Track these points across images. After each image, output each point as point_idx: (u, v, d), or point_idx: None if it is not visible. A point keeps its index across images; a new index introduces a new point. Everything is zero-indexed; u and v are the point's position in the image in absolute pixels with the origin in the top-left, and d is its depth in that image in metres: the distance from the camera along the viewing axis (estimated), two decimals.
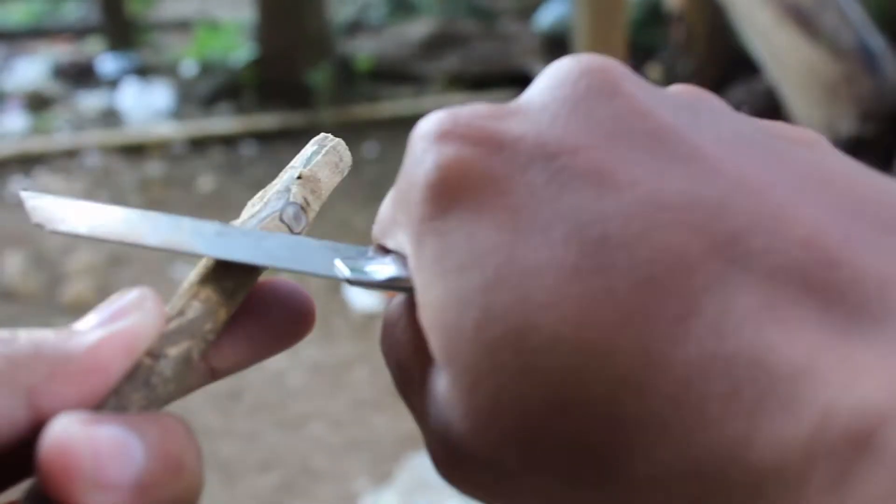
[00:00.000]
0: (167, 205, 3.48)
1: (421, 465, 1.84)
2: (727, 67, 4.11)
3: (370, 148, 4.12)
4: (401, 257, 0.23)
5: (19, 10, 6.95)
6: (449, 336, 0.19)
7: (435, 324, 0.20)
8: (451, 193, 0.20)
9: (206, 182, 3.74)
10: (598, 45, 3.05)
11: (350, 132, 4.27)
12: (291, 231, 0.27)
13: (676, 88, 0.22)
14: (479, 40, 5.04)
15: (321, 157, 0.29)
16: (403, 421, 2.13)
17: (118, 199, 3.55)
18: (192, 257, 0.25)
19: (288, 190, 0.27)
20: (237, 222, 0.27)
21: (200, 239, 0.25)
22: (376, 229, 0.25)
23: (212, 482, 1.94)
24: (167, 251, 0.25)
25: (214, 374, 0.25)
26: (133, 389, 0.22)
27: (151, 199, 3.54)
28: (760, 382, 0.16)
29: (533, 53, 4.76)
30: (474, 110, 0.22)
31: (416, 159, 0.21)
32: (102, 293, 2.81)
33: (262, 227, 0.26)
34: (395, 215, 0.23)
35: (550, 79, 0.21)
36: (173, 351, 0.23)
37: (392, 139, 4.22)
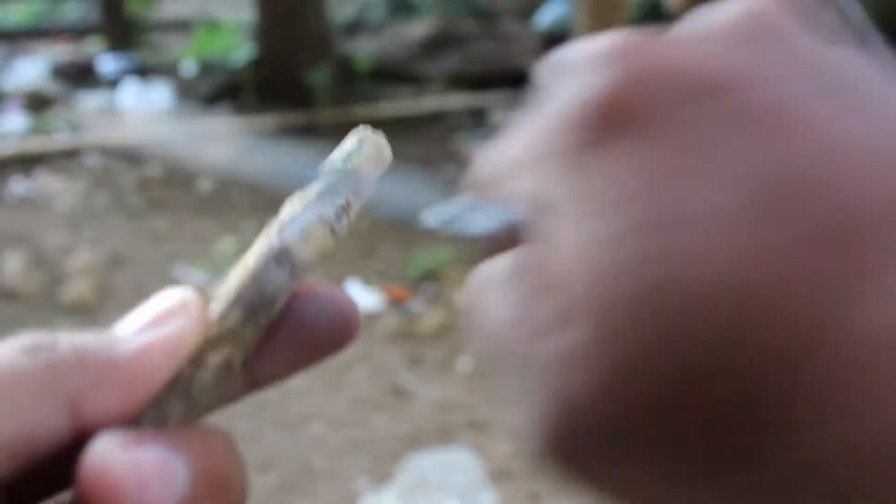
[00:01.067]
0: (167, 205, 3.48)
1: (421, 465, 1.84)
2: None
3: None
4: (514, 205, 0.20)
5: (19, 10, 6.94)
6: (594, 280, 0.17)
7: (578, 267, 0.17)
8: (617, 120, 0.18)
9: (205, 182, 3.74)
10: None
11: (350, 132, 4.26)
12: (334, 233, 0.25)
13: (836, 47, 0.20)
14: (479, 40, 5.04)
15: (363, 152, 0.28)
16: (403, 421, 2.13)
17: (118, 199, 3.55)
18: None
19: (331, 190, 0.26)
20: (277, 221, 0.26)
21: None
22: (482, 178, 0.22)
23: None
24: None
25: (255, 384, 0.24)
26: (173, 399, 0.21)
27: (151, 199, 3.54)
28: None
29: (533, 53, 4.76)
30: (644, 37, 0.19)
31: (577, 82, 0.19)
32: (102, 293, 2.81)
33: (306, 231, 0.25)
34: (533, 148, 0.20)
35: (724, 13, 0.19)
36: (215, 358, 0.22)
37: (392, 139, 4.16)
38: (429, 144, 4.14)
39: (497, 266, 0.21)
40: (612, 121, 0.18)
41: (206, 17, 6.20)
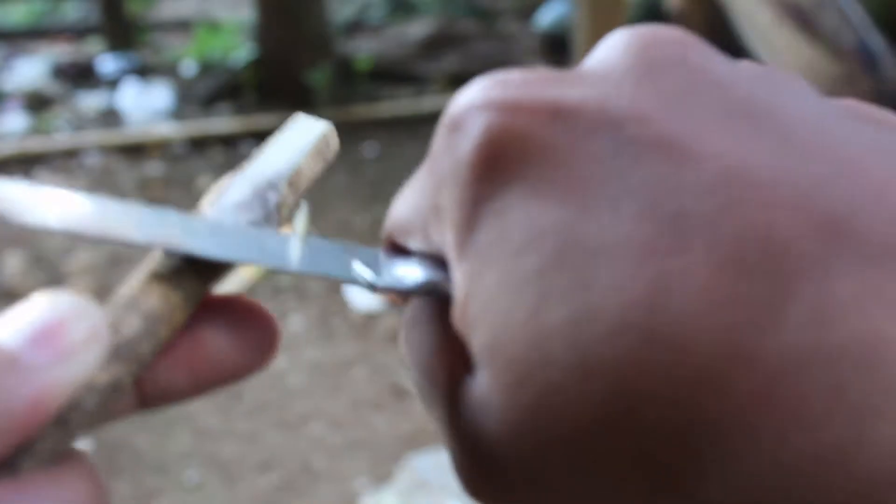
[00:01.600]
0: (167, 204, 3.47)
1: (421, 465, 1.84)
2: None
3: (370, 148, 4.12)
4: (426, 258, 0.21)
5: (19, 10, 6.95)
6: (496, 328, 0.17)
7: (481, 316, 0.17)
8: (504, 167, 0.18)
9: (205, 182, 3.74)
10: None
11: (350, 132, 4.26)
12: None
13: (746, 62, 0.19)
14: (479, 40, 5.04)
15: (308, 148, 0.25)
16: (403, 421, 2.13)
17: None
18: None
19: (264, 195, 0.23)
20: (193, 215, 0.23)
21: (192, 237, 0.21)
22: (394, 228, 0.22)
23: (212, 482, 1.94)
24: (151, 247, 0.21)
25: (143, 403, 0.21)
26: (46, 431, 0.18)
27: (151, 199, 3.54)
28: (872, 377, 0.14)
29: (533, 53, 4.76)
30: (525, 76, 0.19)
31: (460, 134, 0.19)
32: (102, 293, 2.81)
33: (225, 234, 0.22)
34: (427, 206, 0.20)
35: (612, 48, 0.19)
36: (102, 379, 0.19)
37: (392, 139, 4.21)
38: (429, 144, 4.12)
39: (419, 310, 0.21)
40: (500, 165, 0.18)
41: (206, 17, 6.20)
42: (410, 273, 0.21)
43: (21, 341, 0.18)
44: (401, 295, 0.21)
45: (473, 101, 0.19)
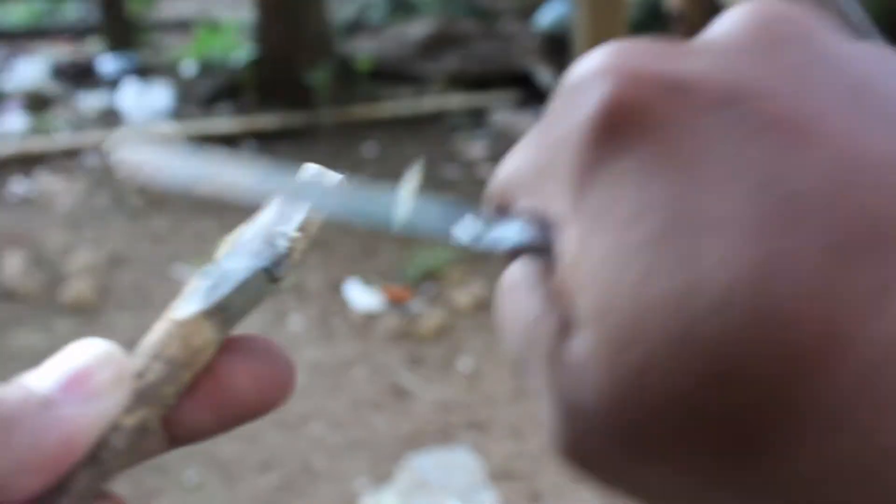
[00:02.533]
0: (167, 204, 3.48)
1: (421, 465, 1.84)
2: None
3: (370, 148, 4.12)
4: (530, 220, 0.20)
5: (19, 10, 6.95)
6: (604, 292, 0.17)
7: (589, 279, 0.18)
8: (622, 135, 0.18)
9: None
10: (598, 45, 3.04)
11: (350, 132, 4.27)
12: (274, 281, 0.24)
13: (869, 45, 0.19)
14: (479, 40, 5.04)
15: (311, 190, 0.25)
16: (403, 421, 2.13)
17: (118, 199, 3.55)
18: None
19: (273, 241, 0.24)
20: (211, 269, 0.24)
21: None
22: (503, 187, 0.22)
23: (212, 482, 1.94)
24: (270, 201, 0.23)
25: (173, 442, 0.23)
26: (81, 470, 0.20)
27: (151, 199, 3.54)
28: None
29: (533, 53, 4.76)
30: (647, 46, 0.19)
31: (581, 98, 0.19)
32: (102, 293, 2.81)
33: (242, 284, 0.23)
34: (540, 166, 0.20)
35: (732, 22, 0.19)
36: (129, 421, 0.20)
37: (392, 139, 4.21)
38: (429, 144, 4.14)
39: (521, 272, 0.21)
40: (618, 133, 0.18)
41: (206, 17, 6.20)
42: (514, 233, 0.21)
43: (52, 386, 0.19)
44: (504, 255, 0.21)
45: (598, 67, 0.19)
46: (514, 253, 0.21)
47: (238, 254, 0.24)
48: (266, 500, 1.91)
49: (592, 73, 0.19)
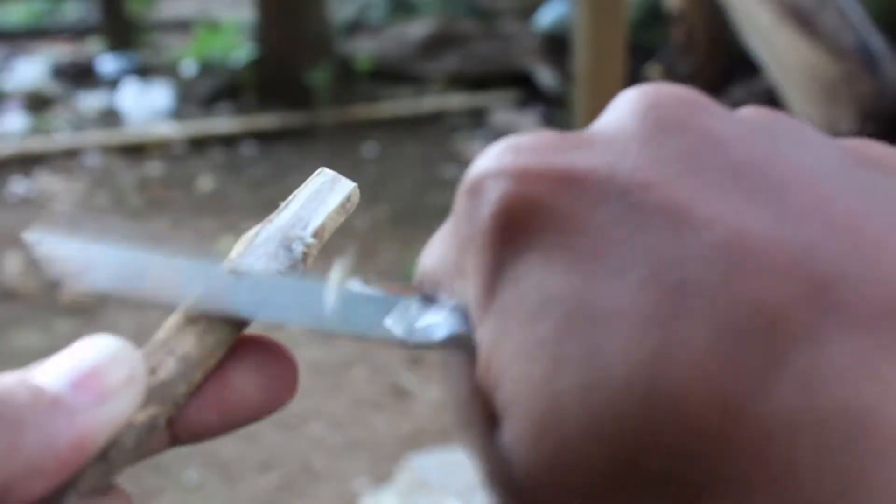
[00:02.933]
0: (167, 205, 3.48)
1: (421, 465, 1.84)
2: (727, 67, 4.11)
3: (370, 148, 4.12)
4: (455, 308, 0.21)
5: (19, 10, 6.94)
6: (515, 388, 0.18)
7: (501, 376, 0.19)
8: (520, 233, 0.19)
9: (205, 182, 3.74)
10: (598, 45, 3.05)
11: (350, 132, 4.27)
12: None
13: (749, 111, 0.20)
14: (479, 40, 5.04)
15: (334, 206, 0.26)
16: (403, 421, 2.13)
17: (118, 199, 3.55)
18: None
19: (290, 245, 0.24)
20: (224, 267, 0.23)
21: (233, 294, 0.22)
22: (424, 278, 0.23)
23: (212, 482, 1.94)
24: (195, 305, 0.22)
25: (174, 441, 0.23)
26: (90, 467, 0.19)
27: (151, 199, 3.54)
28: (857, 443, 0.15)
29: (533, 53, 4.76)
30: (537, 142, 0.20)
31: (479, 199, 0.20)
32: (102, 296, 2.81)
33: (257, 284, 0.23)
34: (453, 264, 0.21)
35: (619, 110, 0.20)
36: (140, 418, 0.20)
37: (392, 139, 4.21)
38: (429, 144, 4.14)
39: (453, 360, 0.22)
40: (516, 231, 0.19)
41: (206, 17, 6.20)
42: (441, 326, 0.21)
43: (63, 385, 0.19)
44: (436, 345, 0.22)
45: (489, 168, 0.19)
46: (445, 343, 0.21)
47: (253, 255, 0.24)
48: (266, 500, 1.91)
49: (487, 173, 0.19)
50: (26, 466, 0.18)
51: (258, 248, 0.24)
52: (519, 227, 0.19)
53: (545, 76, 4.53)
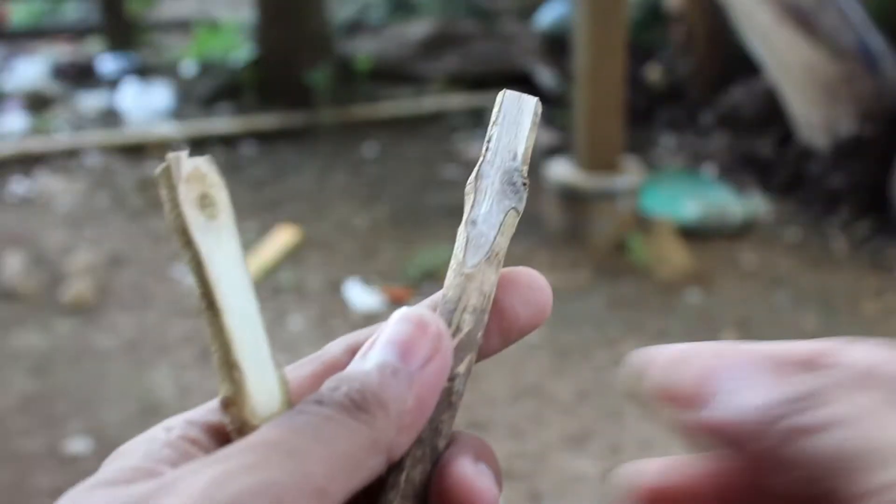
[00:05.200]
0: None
1: None
2: (727, 67, 4.11)
3: (370, 148, 4.12)
4: None
5: (19, 10, 6.94)
6: None
7: None
8: None
9: None
10: (598, 45, 3.05)
11: (350, 132, 4.26)
12: (518, 215, 0.27)
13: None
14: (479, 40, 5.04)
15: (530, 126, 0.29)
16: None
17: (118, 199, 3.55)
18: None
19: (511, 179, 0.28)
20: (466, 223, 0.27)
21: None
22: None
23: None
24: None
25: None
26: (441, 413, 0.25)
27: (151, 199, 3.54)
28: None
29: (533, 53, 4.76)
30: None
31: None
32: (102, 293, 2.81)
33: (503, 226, 0.27)
34: None
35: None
36: (462, 367, 0.26)
37: (392, 139, 4.21)
38: (429, 144, 4.14)
39: None
40: None
41: (206, 17, 6.20)
42: None
43: (393, 357, 0.24)
44: None
45: None
46: None
47: (486, 202, 0.28)
48: None
49: None
50: (398, 427, 0.24)
51: (485, 191, 0.28)
52: None
53: (545, 76, 4.53)
